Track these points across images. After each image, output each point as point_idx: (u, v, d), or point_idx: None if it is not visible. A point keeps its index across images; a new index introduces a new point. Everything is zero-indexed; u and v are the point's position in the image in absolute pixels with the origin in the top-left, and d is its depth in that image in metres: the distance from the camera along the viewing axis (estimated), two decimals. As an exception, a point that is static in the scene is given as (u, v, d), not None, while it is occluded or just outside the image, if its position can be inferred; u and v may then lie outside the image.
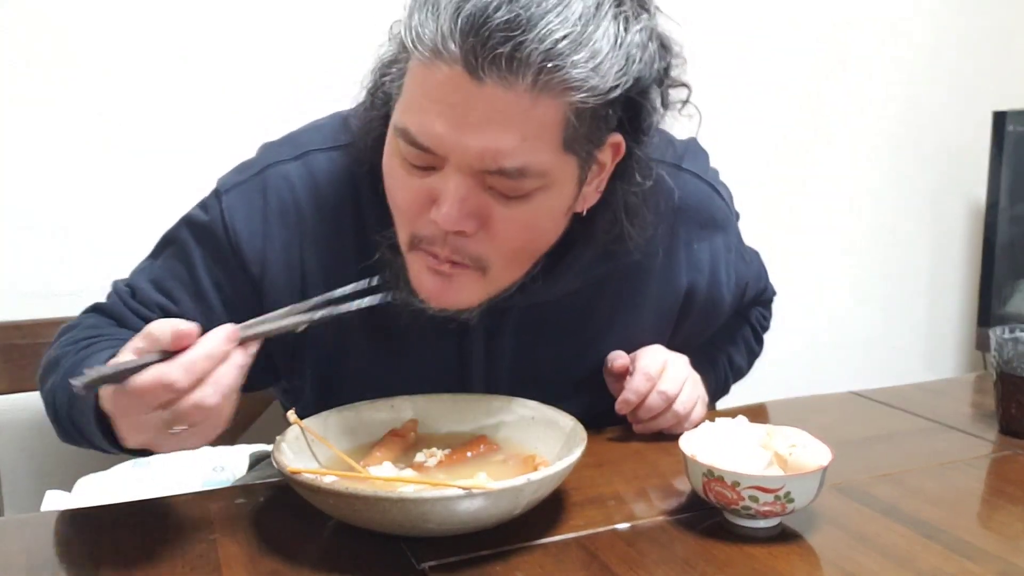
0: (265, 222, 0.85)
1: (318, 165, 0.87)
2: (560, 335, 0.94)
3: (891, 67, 2.03)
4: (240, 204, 0.86)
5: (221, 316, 0.85)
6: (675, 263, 0.96)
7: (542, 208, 0.76)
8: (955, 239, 2.20)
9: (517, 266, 0.81)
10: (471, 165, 0.71)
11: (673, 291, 0.97)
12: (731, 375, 1.14)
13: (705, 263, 0.99)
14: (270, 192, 0.86)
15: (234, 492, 0.84)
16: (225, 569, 0.70)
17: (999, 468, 0.93)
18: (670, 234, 0.95)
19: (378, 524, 0.70)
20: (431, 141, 0.71)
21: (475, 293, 0.80)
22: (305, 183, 0.86)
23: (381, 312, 0.80)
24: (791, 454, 0.75)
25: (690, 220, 0.97)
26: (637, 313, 0.97)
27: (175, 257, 0.89)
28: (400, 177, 0.76)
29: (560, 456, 0.79)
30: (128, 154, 1.41)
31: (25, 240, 1.37)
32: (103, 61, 1.38)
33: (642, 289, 0.96)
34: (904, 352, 2.19)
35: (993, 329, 1.01)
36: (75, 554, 0.73)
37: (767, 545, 0.74)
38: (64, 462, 1.40)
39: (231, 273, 0.86)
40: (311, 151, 0.87)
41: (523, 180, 0.73)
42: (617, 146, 0.80)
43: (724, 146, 1.88)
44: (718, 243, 1.00)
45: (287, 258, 0.86)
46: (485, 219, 0.74)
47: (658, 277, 0.96)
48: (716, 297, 1.01)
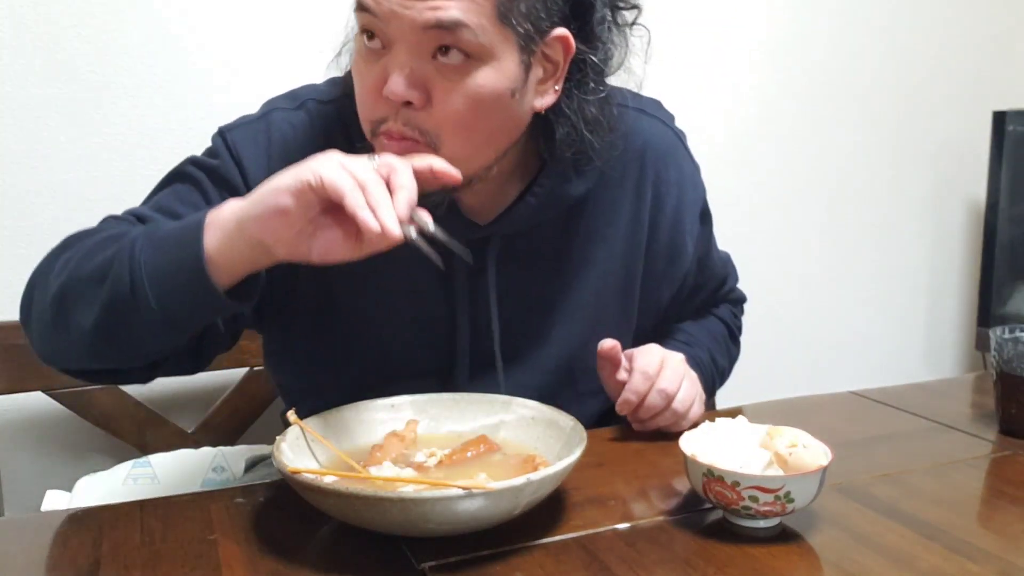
0: (269, 157, 0.91)
1: (316, 113, 0.94)
2: (540, 266, 0.98)
3: (891, 67, 2.03)
4: (246, 140, 0.92)
5: None
6: (642, 200, 1.02)
7: (484, 83, 0.80)
8: (955, 239, 2.20)
9: (469, 146, 0.84)
10: (408, 26, 0.77)
11: (641, 227, 1.02)
12: (716, 376, 1.15)
13: (670, 206, 1.04)
14: (273, 131, 0.92)
15: (234, 492, 0.84)
16: (225, 569, 0.70)
17: (999, 468, 0.93)
18: (639, 172, 1.01)
19: (378, 524, 0.70)
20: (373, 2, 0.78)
21: None
22: (304, 127, 0.93)
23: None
24: (791, 454, 0.75)
25: (658, 161, 1.03)
26: (609, 247, 1.01)
27: (184, 184, 0.91)
28: (360, 72, 0.83)
29: (560, 456, 0.79)
30: (128, 154, 1.41)
31: (25, 240, 1.37)
32: (103, 61, 1.38)
33: (613, 221, 1.01)
34: (904, 352, 2.19)
35: (993, 329, 1.01)
36: (75, 554, 0.73)
37: (767, 545, 0.74)
38: (64, 462, 1.40)
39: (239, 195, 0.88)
40: (309, 100, 0.95)
41: (461, 42, 0.78)
42: (566, 42, 0.84)
43: (724, 146, 1.89)
44: (686, 189, 1.06)
45: None
46: (430, 92, 0.80)
47: (627, 213, 1.01)
48: (679, 243, 1.06)
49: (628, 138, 0.99)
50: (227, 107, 1.44)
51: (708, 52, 1.83)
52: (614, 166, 0.98)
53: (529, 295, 0.99)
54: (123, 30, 1.38)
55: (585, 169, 0.94)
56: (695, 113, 1.84)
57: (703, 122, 1.84)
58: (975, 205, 2.17)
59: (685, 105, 1.85)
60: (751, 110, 1.89)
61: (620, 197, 1.01)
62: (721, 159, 1.88)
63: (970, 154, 2.13)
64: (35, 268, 0.88)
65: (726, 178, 1.88)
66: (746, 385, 1.81)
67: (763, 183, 1.93)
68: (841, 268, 2.06)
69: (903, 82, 2.05)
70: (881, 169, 2.07)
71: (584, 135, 0.89)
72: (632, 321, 1.07)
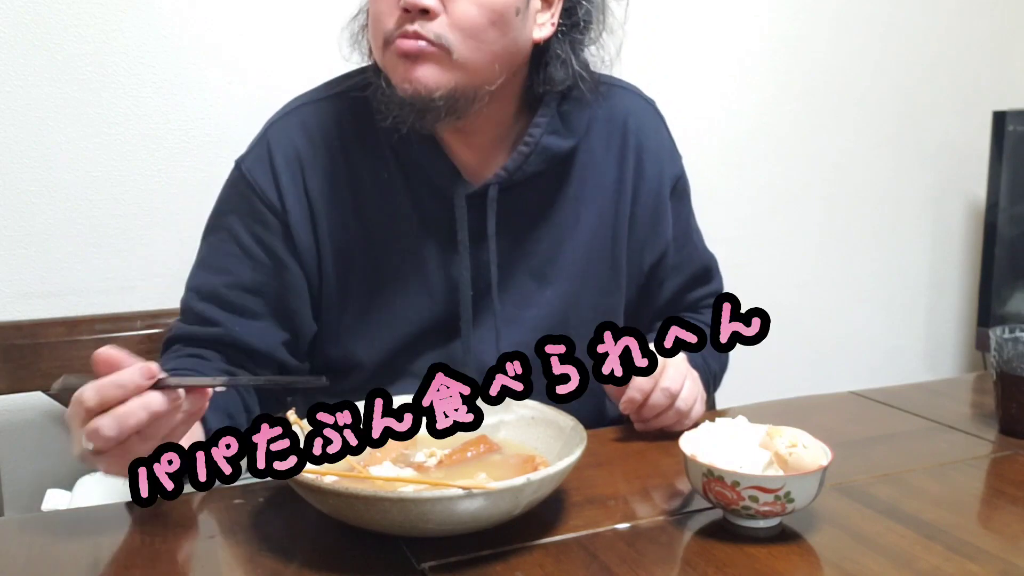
0: (273, 167, 1.01)
1: (307, 113, 1.04)
2: (535, 219, 1.06)
3: (891, 67, 2.03)
4: (255, 163, 1.02)
5: (268, 267, 1.00)
6: (626, 165, 1.10)
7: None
8: (955, 239, 2.20)
9: (478, 54, 0.92)
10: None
11: (625, 191, 1.10)
12: (710, 380, 1.15)
13: (652, 173, 1.11)
14: (273, 146, 1.02)
15: (234, 492, 0.84)
16: (225, 569, 0.70)
17: (999, 468, 0.93)
18: (621, 139, 1.10)
19: (378, 524, 0.70)
20: None
21: (442, 75, 0.91)
22: (297, 130, 1.03)
23: (385, 203, 1.01)
24: (791, 454, 0.75)
25: (639, 130, 1.11)
26: (596, 209, 1.09)
27: (217, 237, 1.03)
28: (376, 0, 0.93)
29: (560, 456, 0.78)
30: (128, 154, 1.41)
31: (25, 240, 1.37)
32: (103, 61, 1.38)
33: (600, 183, 1.09)
34: (904, 352, 2.19)
35: (993, 329, 1.01)
36: (75, 554, 0.73)
37: (767, 545, 0.74)
38: (65, 461, 1.40)
39: (266, 223, 1.01)
40: (299, 105, 1.05)
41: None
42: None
43: (724, 146, 1.89)
44: (664, 159, 1.13)
45: (296, 192, 1.01)
46: (444, 2, 0.89)
47: (612, 176, 1.09)
48: (662, 210, 1.13)
49: (612, 107, 1.10)
50: (227, 107, 1.45)
51: (708, 53, 1.83)
52: (599, 130, 1.09)
53: (523, 258, 1.06)
54: (123, 30, 1.38)
55: (572, 123, 1.04)
56: (695, 113, 1.84)
57: (703, 122, 1.85)
58: (975, 205, 2.17)
59: (686, 105, 1.86)
60: (751, 110, 1.89)
61: (605, 161, 1.09)
62: (721, 159, 1.88)
63: (970, 154, 2.13)
64: None
65: (726, 178, 1.88)
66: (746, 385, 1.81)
67: (764, 183, 1.93)
68: (841, 268, 2.06)
69: (903, 82, 2.05)
70: (881, 169, 2.07)
71: (575, 71, 1.00)
72: (621, 288, 1.11)
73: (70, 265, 1.40)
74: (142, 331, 1.29)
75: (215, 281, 1.01)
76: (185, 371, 0.93)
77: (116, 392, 0.70)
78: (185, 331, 1.00)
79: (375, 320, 1.04)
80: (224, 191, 1.05)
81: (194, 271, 1.04)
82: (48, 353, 1.26)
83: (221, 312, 0.99)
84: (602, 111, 1.09)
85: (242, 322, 0.99)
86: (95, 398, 0.70)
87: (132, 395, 0.70)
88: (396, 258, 1.03)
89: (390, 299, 1.03)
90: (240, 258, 1.01)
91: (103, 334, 1.29)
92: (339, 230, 1.01)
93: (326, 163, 1.02)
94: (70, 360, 1.28)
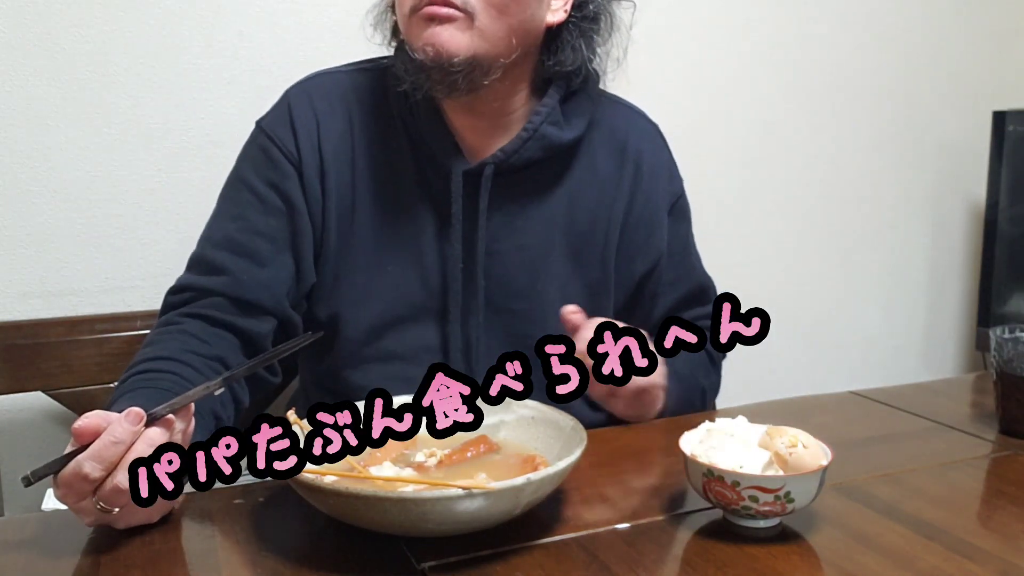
0: (292, 123, 1.07)
1: (327, 80, 1.11)
2: (526, 207, 1.10)
3: (891, 67, 2.03)
4: (275, 120, 1.09)
5: (281, 211, 1.05)
6: (624, 169, 1.14)
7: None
8: (955, 239, 2.20)
9: (498, 26, 0.98)
10: None
11: (620, 193, 1.13)
12: (697, 393, 1.14)
13: (649, 183, 1.15)
14: (293, 102, 1.09)
15: (234, 492, 0.84)
16: (225, 568, 0.70)
17: (999, 468, 0.93)
18: (623, 145, 1.14)
19: (378, 524, 0.70)
20: None
21: (463, 40, 0.97)
22: (317, 92, 1.09)
23: (391, 172, 1.07)
24: (791, 454, 0.75)
25: (640, 142, 1.16)
26: (591, 208, 1.12)
27: (232, 188, 1.08)
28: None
29: (560, 456, 0.79)
30: (128, 154, 1.41)
31: (25, 240, 1.37)
32: (103, 61, 1.38)
33: (597, 184, 1.12)
34: (904, 352, 2.19)
35: (993, 329, 1.01)
36: (75, 554, 0.73)
37: (767, 545, 0.74)
38: (64, 462, 1.40)
39: (282, 171, 1.06)
40: (320, 74, 1.12)
41: None
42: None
43: (723, 146, 1.89)
44: (662, 174, 1.17)
45: (310, 144, 1.07)
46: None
47: (609, 177, 1.13)
48: (658, 219, 1.16)
49: (615, 123, 1.15)
50: (227, 107, 1.45)
51: (708, 53, 1.83)
52: (601, 139, 1.13)
53: (514, 247, 1.09)
54: (123, 30, 1.38)
55: (572, 118, 1.08)
56: (695, 114, 1.84)
57: (703, 123, 1.85)
58: (975, 205, 2.17)
59: (686, 105, 1.86)
60: (750, 110, 1.89)
61: (604, 167, 1.13)
62: (720, 160, 1.88)
63: (970, 154, 2.13)
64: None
65: (725, 178, 1.88)
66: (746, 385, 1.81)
67: (763, 183, 1.93)
68: (841, 268, 2.06)
69: (903, 82, 2.05)
70: (881, 169, 2.07)
71: (584, 56, 1.05)
72: (610, 291, 1.14)
73: (70, 265, 1.40)
74: (142, 331, 1.30)
75: (229, 227, 1.05)
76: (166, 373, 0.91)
77: (117, 450, 0.70)
78: (190, 281, 1.04)
79: (365, 284, 1.07)
80: (243, 150, 1.11)
81: (209, 223, 1.08)
82: (48, 353, 1.26)
83: (231, 257, 1.02)
84: (605, 123, 1.14)
85: (250, 270, 1.02)
86: (99, 466, 0.70)
87: (131, 445, 0.71)
88: (395, 225, 1.07)
89: (383, 265, 1.07)
90: (254, 204, 1.05)
91: (103, 334, 1.29)
92: (345, 188, 1.06)
93: (340, 125, 1.08)
94: (70, 360, 1.28)
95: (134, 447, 0.71)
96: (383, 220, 1.07)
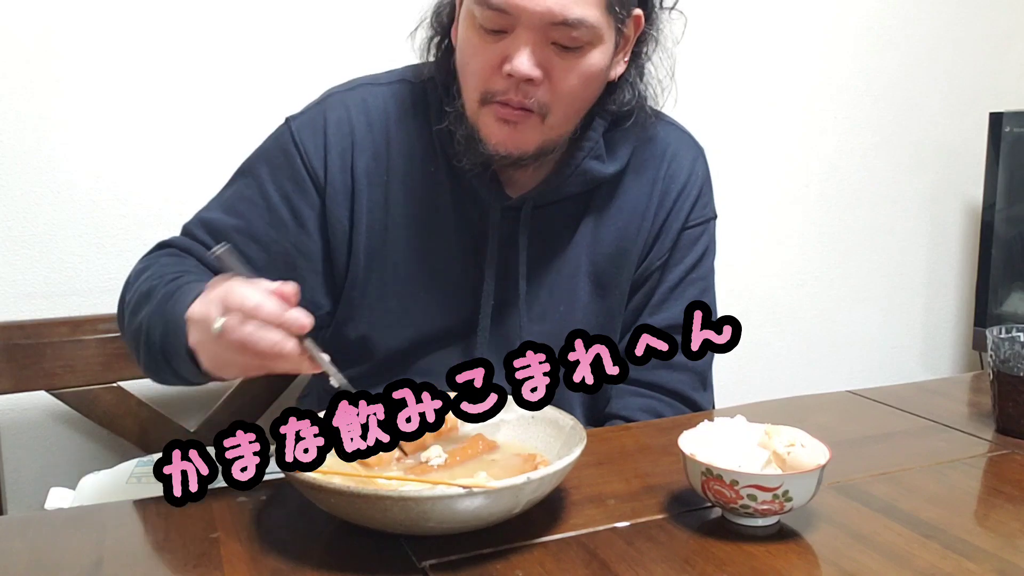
0: (325, 136, 1.03)
1: (370, 93, 1.06)
2: (562, 237, 1.07)
3: (888, 68, 2.03)
4: (306, 126, 1.04)
5: (287, 227, 1.03)
6: (653, 192, 1.10)
7: (592, 62, 0.94)
8: (952, 240, 2.20)
9: (570, 115, 0.98)
10: (538, 21, 0.89)
11: (646, 222, 1.10)
12: None
13: (678, 210, 1.11)
14: (329, 113, 1.04)
15: (235, 491, 0.85)
16: (227, 567, 0.71)
17: (996, 467, 0.94)
18: (656, 168, 1.10)
19: (379, 523, 0.71)
20: (506, 3, 0.89)
21: (535, 137, 0.96)
22: (357, 106, 1.05)
23: (428, 197, 1.04)
24: (789, 453, 0.76)
25: (675, 163, 1.12)
26: (618, 229, 1.09)
27: (245, 182, 1.05)
28: (475, 45, 0.94)
29: (560, 455, 0.79)
30: (129, 154, 1.41)
31: (28, 240, 1.37)
32: (103, 61, 1.38)
33: (624, 207, 1.09)
34: (901, 352, 2.19)
35: (990, 329, 1.01)
36: (78, 552, 0.74)
37: (766, 544, 0.74)
38: (68, 460, 1.40)
39: (302, 187, 1.03)
40: (364, 84, 1.08)
41: (579, 32, 0.91)
42: (638, 21, 1.00)
43: (722, 147, 1.89)
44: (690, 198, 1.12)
45: (342, 163, 1.03)
46: (549, 70, 0.92)
47: (642, 203, 1.09)
48: (685, 243, 1.12)
49: (654, 145, 1.11)
50: (228, 107, 1.45)
51: (708, 54, 1.83)
52: (640, 157, 1.09)
53: (547, 274, 1.07)
54: (123, 30, 1.38)
55: (617, 150, 1.05)
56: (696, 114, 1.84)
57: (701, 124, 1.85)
58: (972, 206, 2.18)
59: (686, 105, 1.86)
60: (749, 112, 1.90)
61: (636, 188, 1.09)
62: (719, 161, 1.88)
63: (967, 155, 2.13)
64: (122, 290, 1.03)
65: (724, 178, 1.88)
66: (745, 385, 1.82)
67: (761, 184, 1.94)
68: (839, 268, 2.07)
69: (900, 84, 2.05)
70: (878, 170, 2.07)
71: (639, 90, 1.04)
72: (622, 311, 1.11)
73: (73, 265, 1.40)
74: (143, 331, 1.30)
75: (227, 222, 1.03)
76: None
77: (272, 316, 0.76)
78: (178, 241, 1.04)
79: (396, 307, 1.05)
80: (267, 142, 1.07)
81: (211, 204, 1.06)
82: (51, 353, 1.27)
83: None
84: (647, 148, 1.10)
85: None
86: (261, 303, 0.76)
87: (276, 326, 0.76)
88: (428, 250, 1.05)
89: (415, 290, 1.05)
90: (260, 208, 1.03)
91: (106, 334, 1.29)
92: (378, 209, 1.03)
93: (378, 145, 1.04)
94: (73, 359, 1.28)
95: (273, 332, 0.76)
96: (417, 244, 1.04)
